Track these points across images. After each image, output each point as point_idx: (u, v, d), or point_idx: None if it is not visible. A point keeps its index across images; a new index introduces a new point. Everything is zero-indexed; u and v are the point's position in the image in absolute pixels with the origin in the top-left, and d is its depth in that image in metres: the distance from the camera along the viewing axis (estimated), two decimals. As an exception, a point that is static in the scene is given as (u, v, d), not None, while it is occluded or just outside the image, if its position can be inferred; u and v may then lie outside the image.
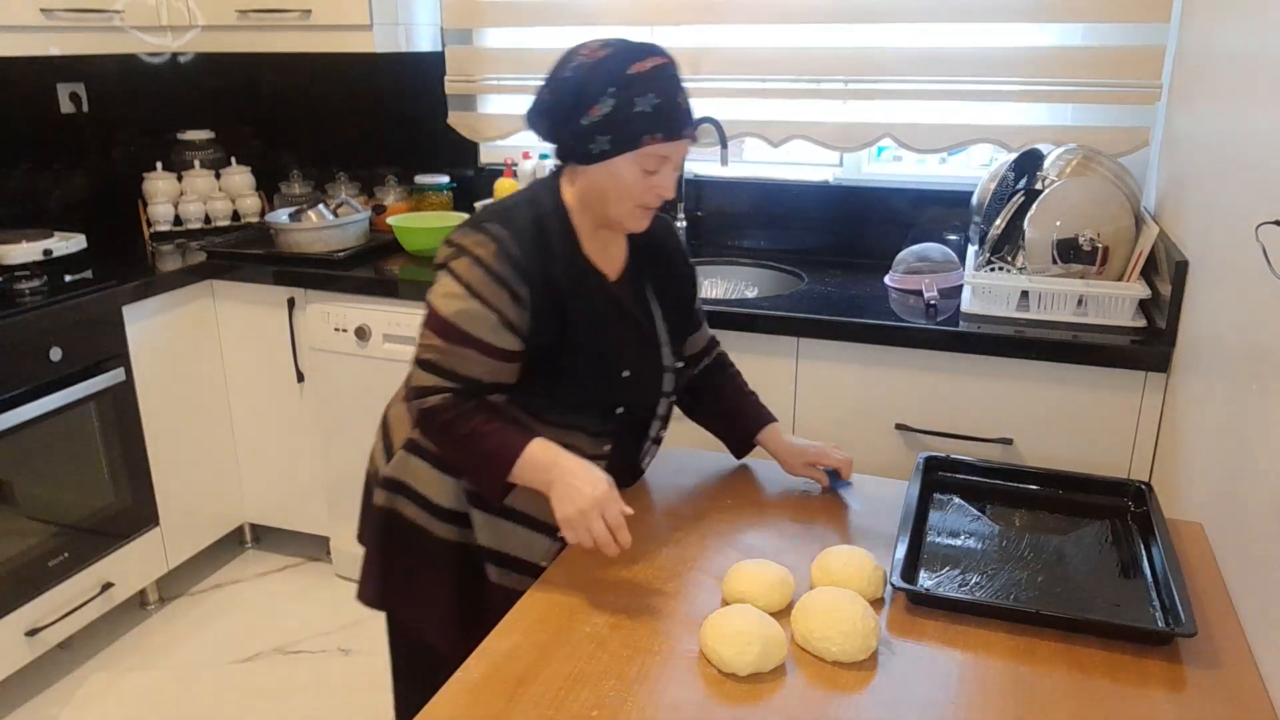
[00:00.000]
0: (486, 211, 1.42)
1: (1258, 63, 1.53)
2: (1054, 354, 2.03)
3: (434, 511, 1.49)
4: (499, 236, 1.35)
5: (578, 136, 1.33)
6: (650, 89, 1.30)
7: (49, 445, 2.38)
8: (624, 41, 1.34)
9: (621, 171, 1.34)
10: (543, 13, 2.78)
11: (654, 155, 1.33)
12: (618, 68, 1.30)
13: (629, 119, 1.30)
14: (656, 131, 1.31)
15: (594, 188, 1.37)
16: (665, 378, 1.53)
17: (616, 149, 1.32)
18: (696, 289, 1.63)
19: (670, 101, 1.32)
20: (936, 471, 1.59)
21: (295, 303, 2.69)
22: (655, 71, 1.31)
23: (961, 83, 2.46)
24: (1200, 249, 1.81)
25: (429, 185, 3.00)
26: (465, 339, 1.35)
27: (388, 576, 1.55)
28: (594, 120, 1.31)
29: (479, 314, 1.35)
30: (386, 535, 1.53)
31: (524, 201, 1.42)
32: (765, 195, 2.81)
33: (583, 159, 1.35)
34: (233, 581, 2.92)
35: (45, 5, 2.48)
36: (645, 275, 1.52)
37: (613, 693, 1.11)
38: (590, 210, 1.41)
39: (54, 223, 2.87)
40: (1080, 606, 1.25)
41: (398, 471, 1.50)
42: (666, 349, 1.53)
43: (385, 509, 1.52)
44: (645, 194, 1.36)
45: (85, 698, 2.42)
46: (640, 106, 1.30)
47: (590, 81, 1.31)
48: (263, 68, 3.22)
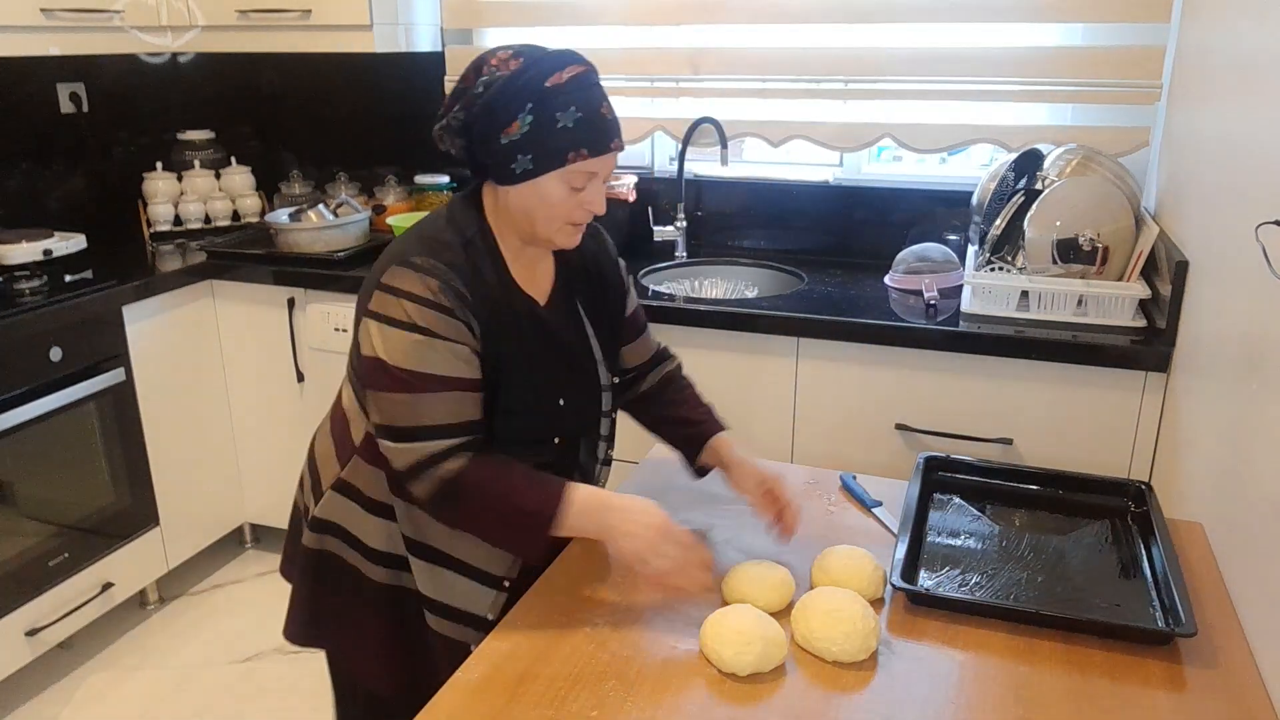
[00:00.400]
0: (406, 243, 1.30)
1: (1258, 63, 1.53)
2: (1054, 354, 2.03)
3: (367, 554, 1.41)
4: (435, 270, 1.25)
5: (497, 156, 1.24)
6: (571, 102, 1.22)
7: (49, 445, 2.38)
8: (537, 49, 1.25)
9: (547, 191, 1.25)
10: (543, 13, 2.78)
11: (581, 172, 1.25)
12: (534, 81, 1.21)
13: (550, 136, 1.22)
14: (581, 146, 1.23)
15: (519, 208, 1.28)
16: (603, 397, 1.46)
17: (540, 168, 1.24)
18: (628, 297, 1.52)
19: (593, 114, 1.23)
20: (936, 471, 1.59)
21: (295, 303, 2.69)
22: (574, 82, 1.23)
23: (961, 83, 2.46)
24: (1200, 249, 1.81)
25: (429, 185, 3.00)
26: (441, 382, 1.24)
27: (317, 616, 1.47)
28: (513, 139, 1.22)
29: (445, 351, 1.24)
30: (316, 576, 1.45)
31: (445, 227, 1.31)
32: (765, 195, 2.81)
33: (505, 179, 1.26)
34: (233, 581, 2.92)
35: (45, 5, 2.48)
36: (575, 291, 1.43)
37: (613, 693, 1.11)
38: (517, 230, 1.32)
39: (54, 223, 2.87)
40: (1080, 606, 1.25)
41: (327, 513, 1.42)
42: (601, 367, 1.45)
43: (316, 550, 1.44)
44: (574, 211, 1.28)
45: (85, 698, 2.42)
46: (562, 122, 1.22)
47: (505, 98, 1.22)
48: (263, 68, 3.22)
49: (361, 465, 1.39)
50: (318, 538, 1.44)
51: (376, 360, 1.25)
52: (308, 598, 1.47)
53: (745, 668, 1.12)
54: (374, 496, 1.39)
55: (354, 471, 1.40)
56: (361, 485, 1.40)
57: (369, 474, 1.39)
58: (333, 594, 1.45)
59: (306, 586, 1.47)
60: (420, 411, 1.24)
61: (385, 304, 1.25)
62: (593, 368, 1.45)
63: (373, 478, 1.39)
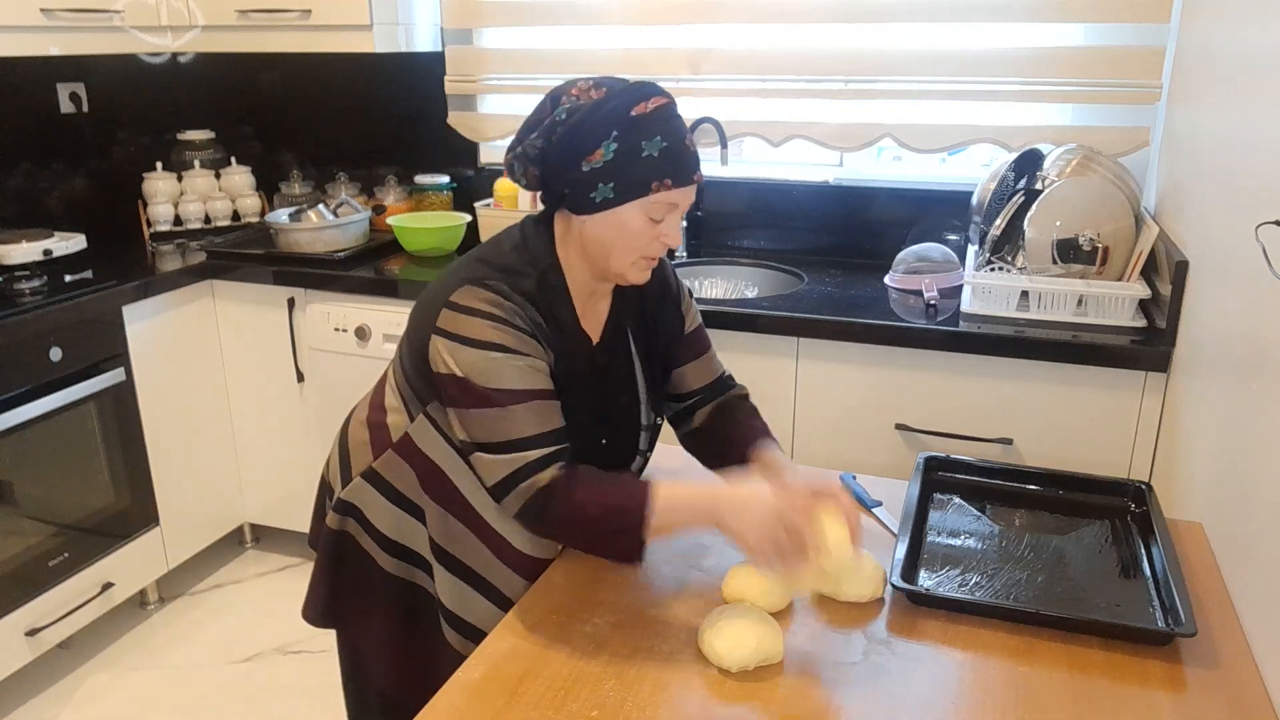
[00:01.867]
0: (478, 266, 1.29)
1: (1258, 63, 1.53)
2: (1054, 354, 2.03)
3: (384, 545, 1.43)
4: (511, 296, 1.25)
5: (577, 184, 1.23)
6: (656, 131, 1.21)
7: (49, 445, 2.38)
8: (619, 80, 1.25)
9: (627, 220, 1.24)
10: (543, 13, 2.78)
11: (662, 203, 1.23)
12: (619, 109, 1.21)
13: (636, 164, 1.21)
14: (665, 176, 1.22)
15: (595, 239, 1.26)
16: (641, 437, 1.45)
17: (622, 197, 1.22)
18: (689, 315, 1.49)
19: (678, 144, 1.23)
20: (936, 471, 1.59)
21: (295, 303, 2.69)
22: (659, 112, 1.22)
23: (961, 83, 2.46)
24: (1200, 249, 1.81)
25: (429, 185, 3.00)
26: (523, 395, 1.23)
27: (333, 599, 1.49)
28: (595, 166, 1.21)
29: (523, 365, 1.23)
30: (336, 557, 1.47)
31: (519, 255, 1.30)
32: (765, 195, 2.81)
33: (583, 208, 1.24)
34: (233, 581, 2.93)
35: (45, 5, 2.48)
36: (627, 323, 1.41)
37: (613, 693, 1.11)
38: (589, 262, 1.30)
39: (54, 223, 2.87)
40: (1080, 606, 1.25)
41: (353, 498, 1.44)
42: (644, 407, 1.43)
43: (337, 531, 1.46)
44: (651, 244, 1.26)
45: (85, 698, 2.42)
46: (647, 150, 1.21)
47: (589, 125, 1.21)
48: (263, 68, 3.23)
49: (395, 460, 1.40)
50: (340, 519, 1.46)
51: (455, 378, 1.24)
52: (325, 576, 1.49)
53: (738, 663, 1.12)
54: (402, 491, 1.41)
55: (386, 464, 1.41)
56: (391, 478, 1.41)
57: (401, 469, 1.40)
58: (348, 576, 1.47)
59: (325, 566, 1.49)
60: (507, 426, 1.23)
61: (458, 323, 1.24)
62: (636, 408, 1.43)
63: (404, 474, 1.40)
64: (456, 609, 1.40)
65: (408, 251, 2.80)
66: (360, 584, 1.47)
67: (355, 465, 1.45)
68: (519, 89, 2.89)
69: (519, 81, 2.88)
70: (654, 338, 1.45)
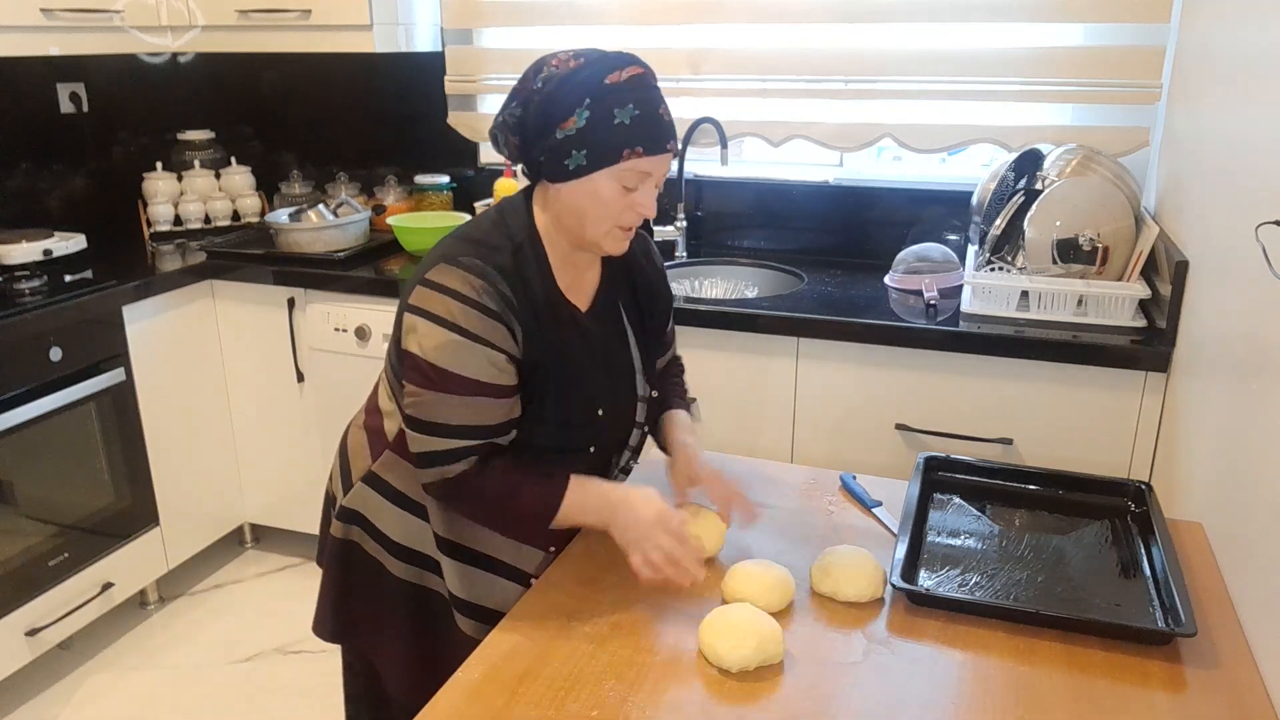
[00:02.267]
0: (455, 243, 1.30)
1: (1258, 63, 1.53)
2: (1054, 354, 2.03)
3: (391, 549, 1.43)
4: (483, 271, 1.25)
5: (551, 152, 1.24)
6: (629, 99, 1.22)
7: (49, 445, 2.38)
8: (597, 51, 1.26)
9: (600, 188, 1.25)
10: (543, 13, 2.78)
11: (635, 170, 1.24)
12: (593, 78, 1.22)
13: (608, 131, 1.22)
14: (637, 144, 1.23)
15: (570, 208, 1.27)
16: (638, 408, 1.46)
17: (594, 164, 1.23)
18: (671, 309, 1.54)
19: (651, 112, 1.23)
20: (936, 471, 1.59)
21: (295, 303, 2.69)
22: (633, 81, 1.23)
23: (961, 83, 2.46)
24: (1200, 249, 1.81)
25: (429, 185, 3.00)
26: (469, 386, 1.25)
27: (344, 611, 1.49)
28: (569, 134, 1.22)
29: (480, 356, 1.25)
30: (344, 568, 1.47)
31: (496, 229, 1.31)
32: (765, 195, 2.81)
33: (557, 176, 1.26)
34: (233, 581, 2.92)
35: (45, 5, 2.48)
36: (619, 299, 1.43)
37: (613, 693, 1.11)
38: (566, 233, 1.31)
39: (54, 223, 2.87)
40: (1080, 606, 1.25)
41: (356, 504, 1.44)
42: (640, 378, 1.45)
43: (343, 540, 1.46)
44: (625, 213, 1.27)
45: (85, 698, 2.42)
46: (619, 118, 1.21)
47: (563, 93, 1.22)
48: (263, 68, 3.22)
49: (394, 459, 1.41)
50: (344, 527, 1.45)
51: (410, 354, 1.27)
52: (334, 589, 1.49)
53: (739, 663, 1.12)
54: (403, 490, 1.41)
55: (385, 465, 1.41)
56: (391, 479, 1.41)
57: (401, 469, 1.40)
58: (357, 587, 1.46)
59: (333, 577, 1.48)
60: (443, 410, 1.26)
61: (428, 300, 1.26)
62: (631, 378, 1.44)
63: (405, 473, 1.40)
64: (469, 595, 1.41)
65: (408, 251, 2.80)
66: (370, 592, 1.45)
67: (355, 471, 1.45)
68: (519, 89, 2.88)
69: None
70: (647, 312, 1.46)
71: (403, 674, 1.46)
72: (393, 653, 1.46)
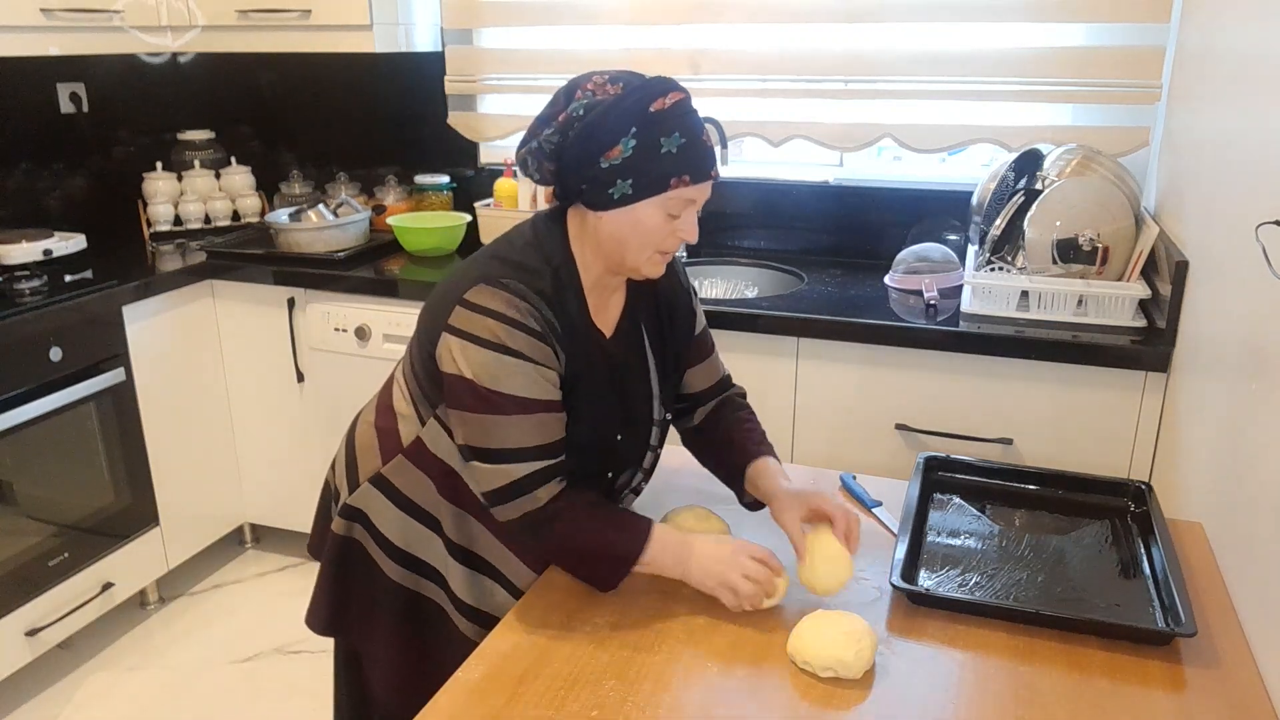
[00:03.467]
0: (493, 264, 1.28)
1: (1258, 63, 1.53)
2: (1054, 354, 2.03)
3: (390, 553, 1.42)
4: (525, 294, 1.24)
5: (594, 181, 1.22)
6: (675, 128, 1.21)
7: (49, 445, 2.38)
8: (635, 75, 1.24)
9: (644, 217, 1.23)
10: (543, 13, 2.78)
11: (680, 199, 1.24)
12: (638, 105, 1.20)
13: (654, 161, 1.20)
14: (684, 173, 1.22)
15: (612, 235, 1.26)
16: (653, 432, 1.45)
17: (640, 194, 1.22)
18: (696, 318, 1.51)
19: (696, 140, 1.22)
20: (936, 471, 1.59)
21: (295, 303, 2.69)
22: (677, 108, 1.22)
23: (961, 83, 2.46)
24: (1200, 249, 1.81)
25: (429, 185, 3.00)
26: (525, 405, 1.23)
27: (338, 607, 1.48)
28: (614, 163, 1.20)
29: (531, 373, 1.23)
30: (342, 565, 1.46)
31: (533, 251, 1.29)
32: (765, 195, 2.81)
33: (600, 205, 1.24)
34: (233, 581, 2.92)
35: (45, 5, 2.48)
36: (641, 321, 1.42)
37: (613, 693, 1.11)
38: (603, 258, 1.30)
39: (54, 223, 2.87)
40: (1080, 606, 1.25)
41: (360, 504, 1.43)
42: (656, 402, 1.44)
43: (344, 537, 1.45)
44: (667, 239, 1.27)
45: (85, 698, 2.42)
46: (666, 147, 1.20)
47: (608, 121, 1.20)
48: (263, 68, 3.22)
49: (405, 465, 1.39)
50: (347, 524, 1.44)
51: (461, 379, 1.24)
52: (332, 585, 1.48)
53: (861, 667, 1.12)
54: (411, 497, 1.39)
55: (395, 469, 1.40)
56: (400, 484, 1.40)
57: (412, 475, 1.39)
58: (353, 584, 1.46)
59: (331, 573, 1.47)
60: (507, 434, 1.24)
61: (471, 322, 1.23)
62: (649, 403, 1.43)
63: (414, 480, 1.39)
64: (473, 600, 1.40)
65: (408, 251, 2.80)
66: (366, 593, 1.45)
67: (363, 470, 1.44)
68: (519, 89, 2.89)
69: (519, 81, 2.88)
70: (668, 334, 1.45)
71: (388, 674, 1.45)
72: (380, 652, 1.45)
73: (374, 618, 1.45)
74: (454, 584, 1.40)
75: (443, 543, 1.40)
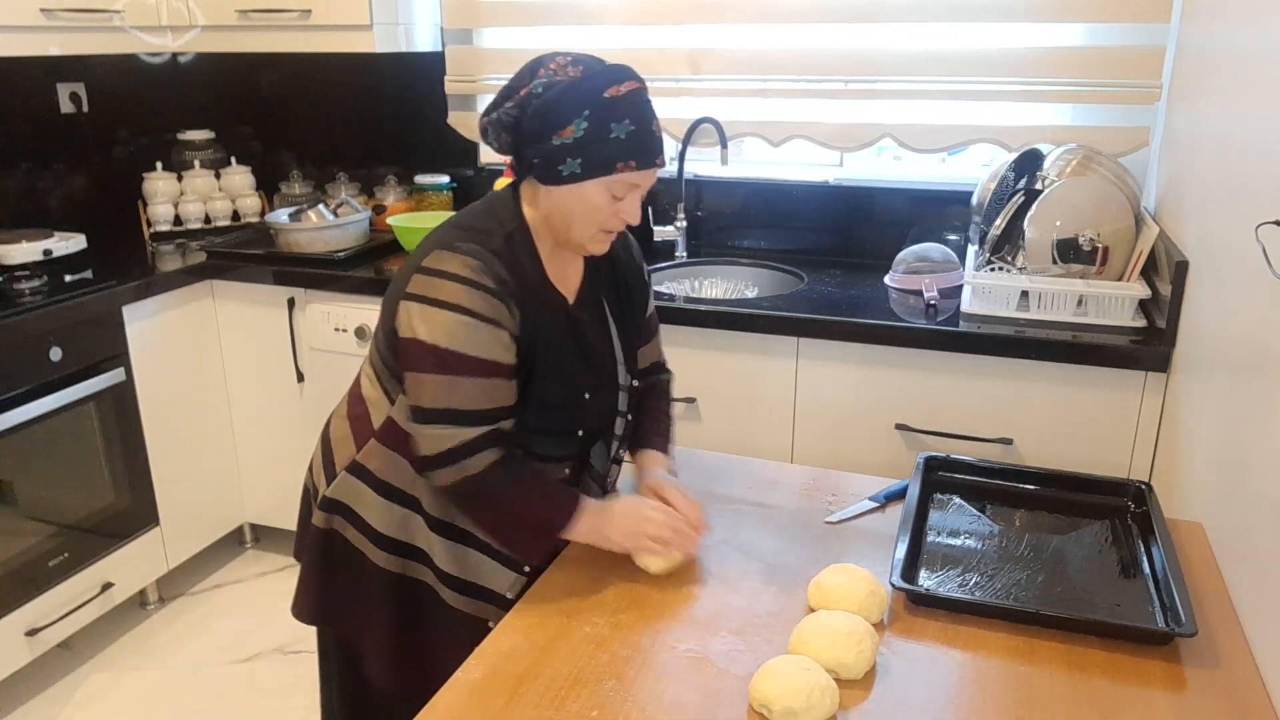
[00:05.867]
0: (448, 231, 1.34)
1: (1258, 63, 1.53)
2: (1054, 354, 2.03)
3: (375, 539, 1.43)
4: (478, 253, 1.29)
5: (546, 156, 1.28)
6: (626, 115, 1.27)
7: (49, 445, 2.38)
8: (596, 61, 1.30)
9: (589, 195, 1.30)
10: (543, 13, 2.78)
11: (624, 182, 1.30)
12: (593, 90, 1.26)
13: (603, 144, 1.26)
14: (630, 158, 1.28)
15: (558, 209, 1.32)
16: (620, 396, 1.49)
17: (587, 173, 1.28)
18: (650, 301, 1.57)
19: (645, 129, 1.28)
20: (936, 471, 1.59)
21: (295, 303, 2.69)
22: (631, 96, 1.27)
23: (961, 83, 2.46)
24: (1200, 249, 1.81)
25: (429, 185, 3.00)
26: (481, 366, 1.28)
27: (325, 595, 1.49)
28: (565, 142, 1.26)
29: (488, 334, 1.28)
30: (324, 555, 1.47)
31: (486, 216, 1.36)
32: (765, 195, 2.81)
33: (549, 179, 1.30)
34: (233, 581, 2.92)
35: (45, 5, 2.48)
36: (601, 291, 1.47)
37: (613, 693, 1.11)
38: (552, 231, 1.36)
39: (54, 223, 2.87)
40: (1080, 606, 1.25)
41: (340, 494, 1.44)
42: (622, 367, 1.49)
43: (325, 530, 1.46)
44: (610, 219, 1.33)
45: (85, 698, 2.42)
46: (615, 132, 1.26)
47: (564, 102, 1.26)
48: (263, 68, 3.22)
49: (379, 449, 1.41)
50: (326, 517, 1.46)
51: (416, 341, 1.28)
52: (316, 577, 1.49)
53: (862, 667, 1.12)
54: (388, 480, 1.42)
55: (369, 454, 1.42)
56: (375, 469, 1.42)
57: (386, 458, 1.41)
58: (340, 576, 1.47)
59: (315, 566, 1.49)
60: (455, 394, 1.28)
61: (427, 285, 1.28)
62: (614, 367, 1.48)
63: (389, 462, 1.41)
64: (460, 573, 1.41)
65: (408, 251, 2.80)
66: (352, 580, 1.46)
67: (339, 461, 1.46)
68: (519, 89, 2.88)
69: (519, 81, 2.88)
70: (627, 304, 1.51)
71: (385, 660, 1.46)
72: (376, 638, 1.46)
73: (366, 606, 1.46)
74: (439, 560, 1.41)
75: (424, 520, 1.41)
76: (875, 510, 1.53)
